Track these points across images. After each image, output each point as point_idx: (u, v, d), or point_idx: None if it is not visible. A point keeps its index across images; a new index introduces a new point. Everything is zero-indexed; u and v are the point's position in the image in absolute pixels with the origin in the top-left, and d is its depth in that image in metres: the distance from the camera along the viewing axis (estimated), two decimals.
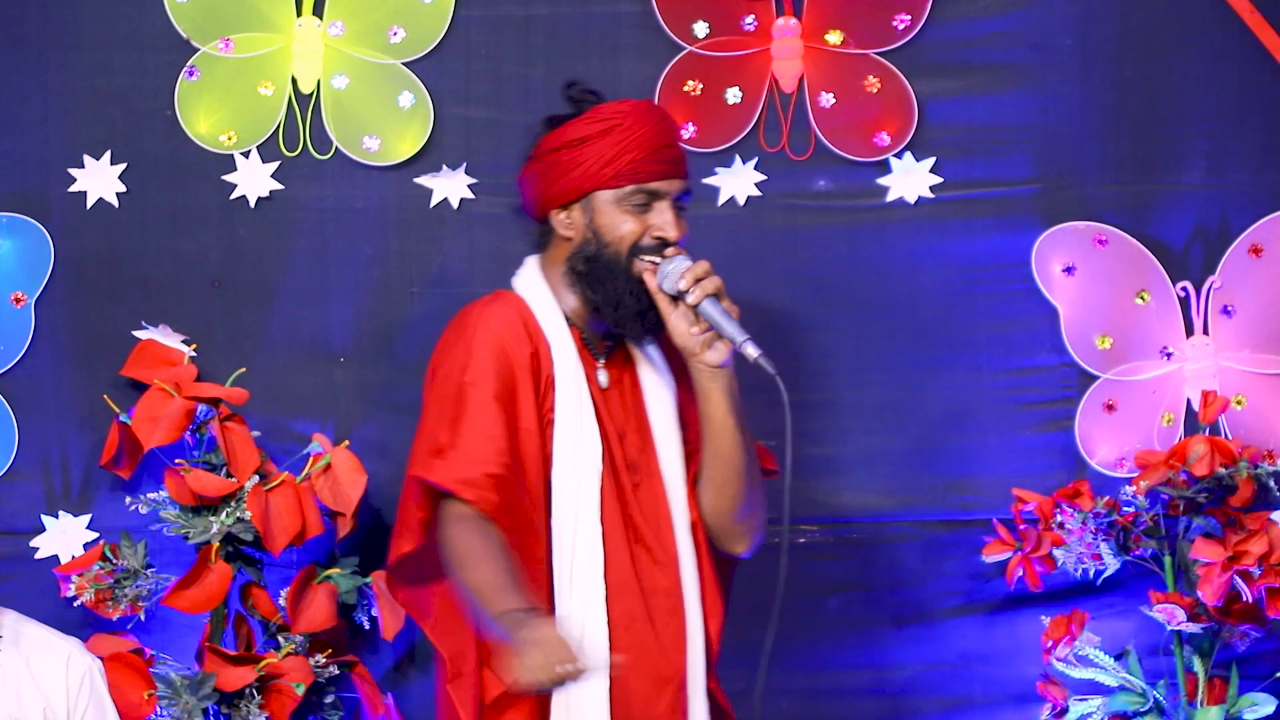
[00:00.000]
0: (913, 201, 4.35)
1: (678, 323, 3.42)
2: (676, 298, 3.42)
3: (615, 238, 3.47)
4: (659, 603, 3.52)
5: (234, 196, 4.30)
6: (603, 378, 3.57)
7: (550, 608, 3.54)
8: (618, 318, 3.52)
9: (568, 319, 3.58)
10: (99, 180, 4.27)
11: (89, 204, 4.27)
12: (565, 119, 3.56)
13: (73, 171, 4.27)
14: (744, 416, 3.50)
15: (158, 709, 4.00)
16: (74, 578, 4.07)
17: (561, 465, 3.56)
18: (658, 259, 3.43)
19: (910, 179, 4.35)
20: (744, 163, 4.35)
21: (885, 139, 4.34)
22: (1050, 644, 4.15)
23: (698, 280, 3.40)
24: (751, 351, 3.36)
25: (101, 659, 3.84)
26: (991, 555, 4.21)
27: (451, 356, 3.60)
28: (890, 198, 4.35)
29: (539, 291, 3.58)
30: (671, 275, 3.40)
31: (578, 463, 3.56)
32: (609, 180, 3.50)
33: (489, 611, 3.45)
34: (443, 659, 3.59)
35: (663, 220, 3.48)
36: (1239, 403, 4.33)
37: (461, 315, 3.64)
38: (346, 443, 4.18)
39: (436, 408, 3.60)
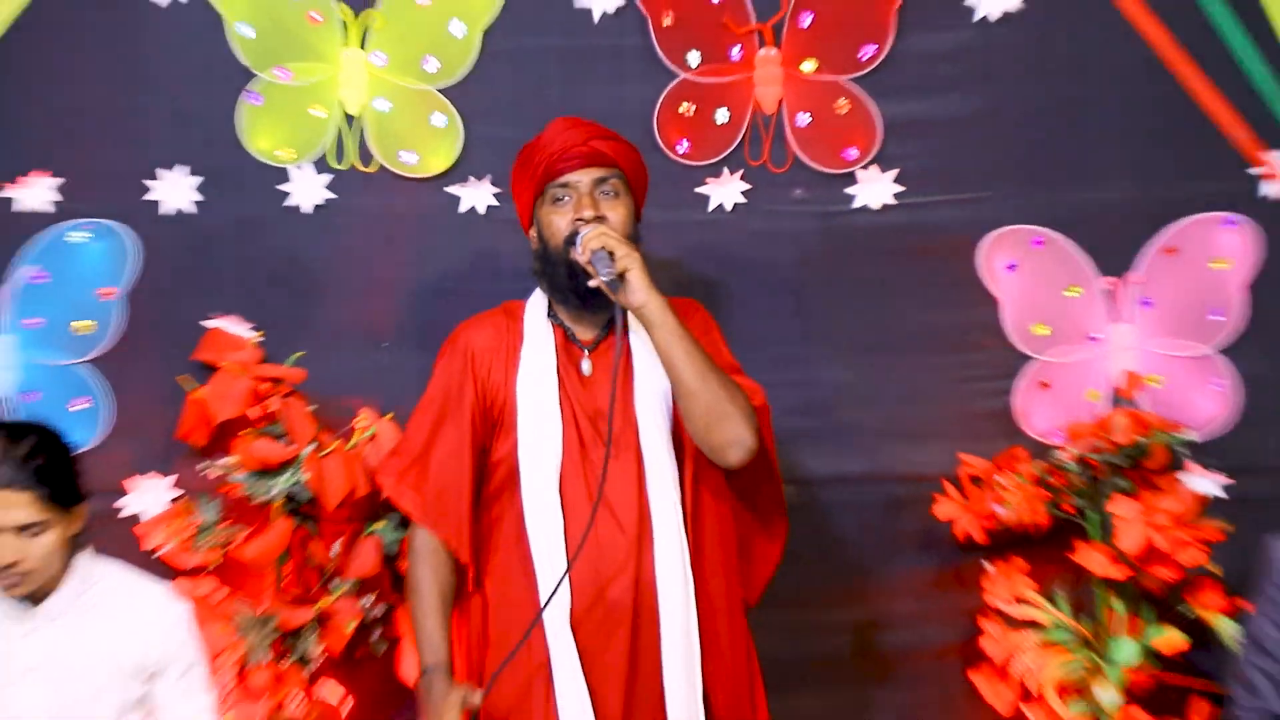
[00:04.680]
0: (877, 207, 4.53)
1: (598, 283, 3.55)
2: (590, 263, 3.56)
3: (551, 234, 3.65)
4: (614, 558, 3.61)
5: (290, 205, 4.47)
6: (586, 366, 3.73)
7: (527, 556, 3.65)
8: (562, 297, 3.70)
9: (559, 320, 3.75)
10: (176, 190, 4.43)
11: (168, 211, 4.44)
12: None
13: (153, 183, 4.43)
14: (690, 349, 3.55)
15: (231, 643, 4.22)
16: (159, 531, 4.31)
17: (526, 439, 3.70)
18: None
19: (875, 188, 4.52)
20: (731, 174, 4.52)
21: (853, 153, 4.51)
22: (993, 587, 4.41)
23: (587, 244, 3.56)
24: (597, 278, 3.50)
25: (186, 602, 3.87)
26: (942, 510, 4.41)
27: (439, 365, 3.81)
28: (857, 204, 4.53)
29: (537, 300, 3.77)
30: (578, 246, 3.57)
31: (540, 437, 3.70)
32: (538, 189, 3.71)
33: (419, 656, 3.73)
34: None
35: (580, 205, 3.65)
36: (1155, 381, 4.52)
37: (463, 322, 3.85)
38: (390, 415, 4.37)
39: (418, 418, 3.82)
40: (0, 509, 3.56)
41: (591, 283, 3.53)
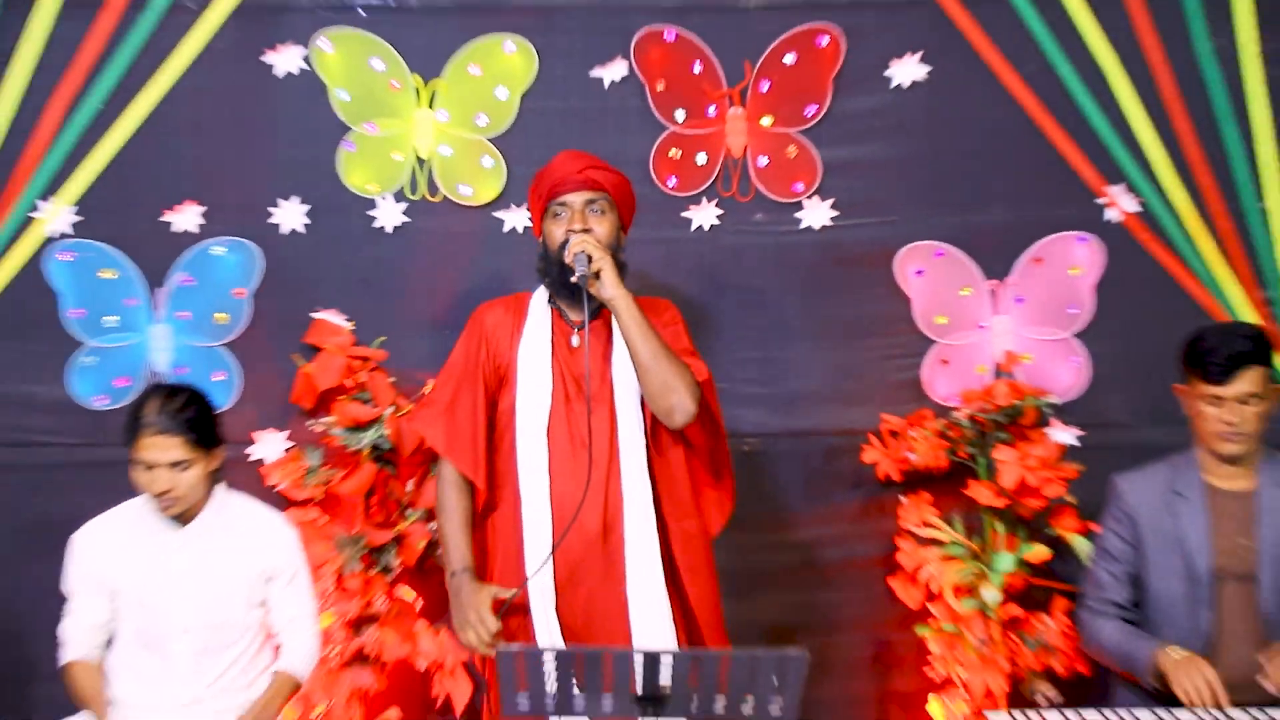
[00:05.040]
0: (818, 228, 4.61)
1: (576, 278, 3.58)
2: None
3: (550, 241, 3.68)
4: (589, 492, 3.60)
5: (376, 226, 4.56)
6: (574, 340, 3.73)
7: (517, 486, 3.66)
8: (556, 288, 3.71)
9: (557, 306, 3.75)
10: (291, 215, 4.54)
11: (284, 231, 4.54)
12: None
13: (274, 210, 4.53)
14: (646, 333, 3.56)
15: (330, 558, 4.34)
16: (277, 472, 4.44)
17: (522, 393, 3.72)
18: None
19: (817, 213, 4.60)
20: (708, 202, 4.60)
21: (800, 187, 4.61)
22: (906, 514, 4.51)
23: (573, 249, 3.59)
24: (577, 275, 3.55)
25: (296, 527, 3.95)
26: (868, 456, 4.52)
27: (463, 335, 3.84)
28: (803, 226, 4.61)
29: (541, 291, 3.78)
30: (567, 250, 3.62)
31: (533, 391, 3.71)
32: (544, 205, 3.72)
33: (446, 563, 3.74)
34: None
35: (573, 219, 3.66)
36: (1027, 359, 4.61)
37: (481, 304, 3.85)
38: None
39: (444, 375, 3.83)
40: (158, 449, 3.66)
41: (573, 278, 3.59)
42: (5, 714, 3.83)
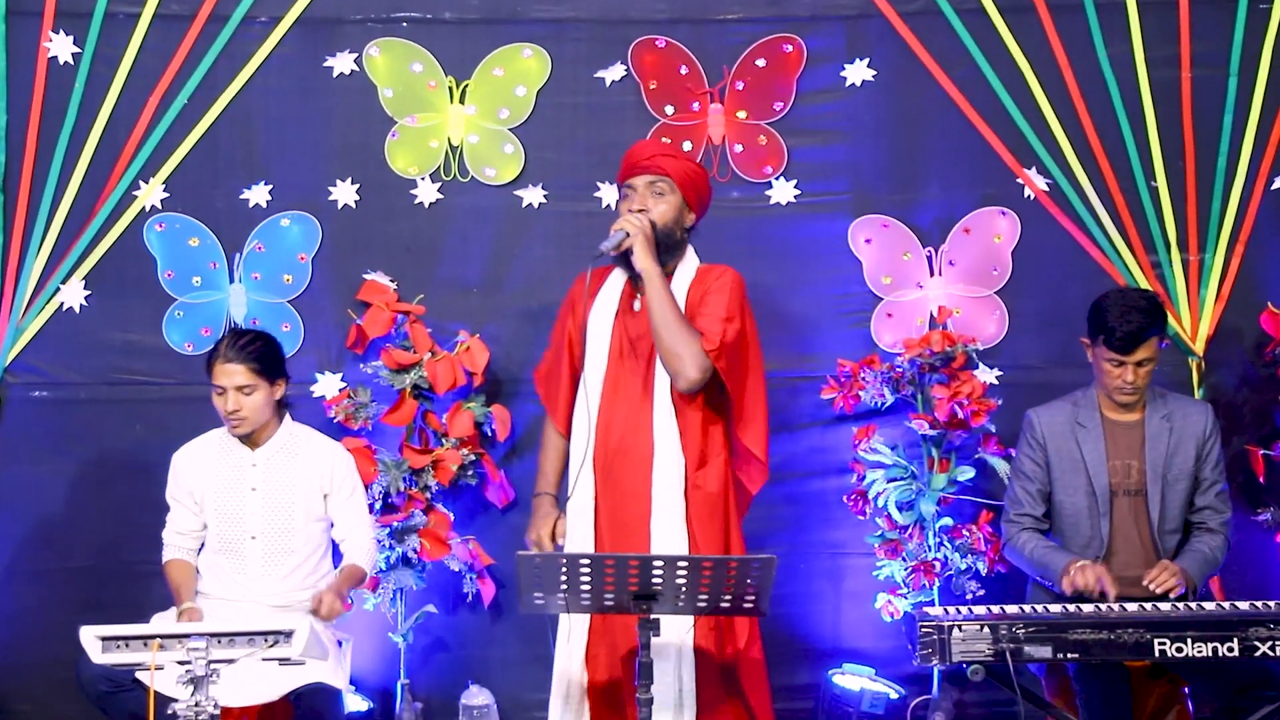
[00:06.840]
0: (785, 204, 4.63)
1: (610, 249, 3.57)
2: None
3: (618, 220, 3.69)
4: (631, 435, 3.60)
5: (416, 202, 4.60)
6: (636, 304, 3.68)
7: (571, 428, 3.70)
8: (618, 260, 3.67)
9: (631, 274, 3.65)
10: (345, 193, 4.58)
11: (340, 206, 4.59)
12: None
13: (331, 188, 4.58)
14: (661, 305, 3.51)
15: (378, 478, 4.39)
16: (334, 407, 4.46)
17: (588, 348, 3.68)
18: None
19: (783, 191, 4.62)
20: None
21: (769, 170, 4.64)
22: (857, 441, 4.51)
23: (614, 227, 3.59)
24: (603, 248, 3.53)
25: (350, 452, 4.03)
26: (826, 394, 4.52)
27: (563, 301, 3.84)
28: (772, 202, 4.63)
29: (622, 261, 3.68)
30: (611, 229, 3.61)
31: (595, 345, 3.69)
32: (619, 187, 3.74)
33: (536, 485, 3.80)
34: None
35: (634, 200, 3.65)
36: (957, 312, 4.60)
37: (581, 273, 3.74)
38: (477, 335, 4.51)
39: (550, 341, 3.85)
40: (226, 375, 3.79)
41: (603, 246, 3.59)
42: (127, 608, 3.88)
